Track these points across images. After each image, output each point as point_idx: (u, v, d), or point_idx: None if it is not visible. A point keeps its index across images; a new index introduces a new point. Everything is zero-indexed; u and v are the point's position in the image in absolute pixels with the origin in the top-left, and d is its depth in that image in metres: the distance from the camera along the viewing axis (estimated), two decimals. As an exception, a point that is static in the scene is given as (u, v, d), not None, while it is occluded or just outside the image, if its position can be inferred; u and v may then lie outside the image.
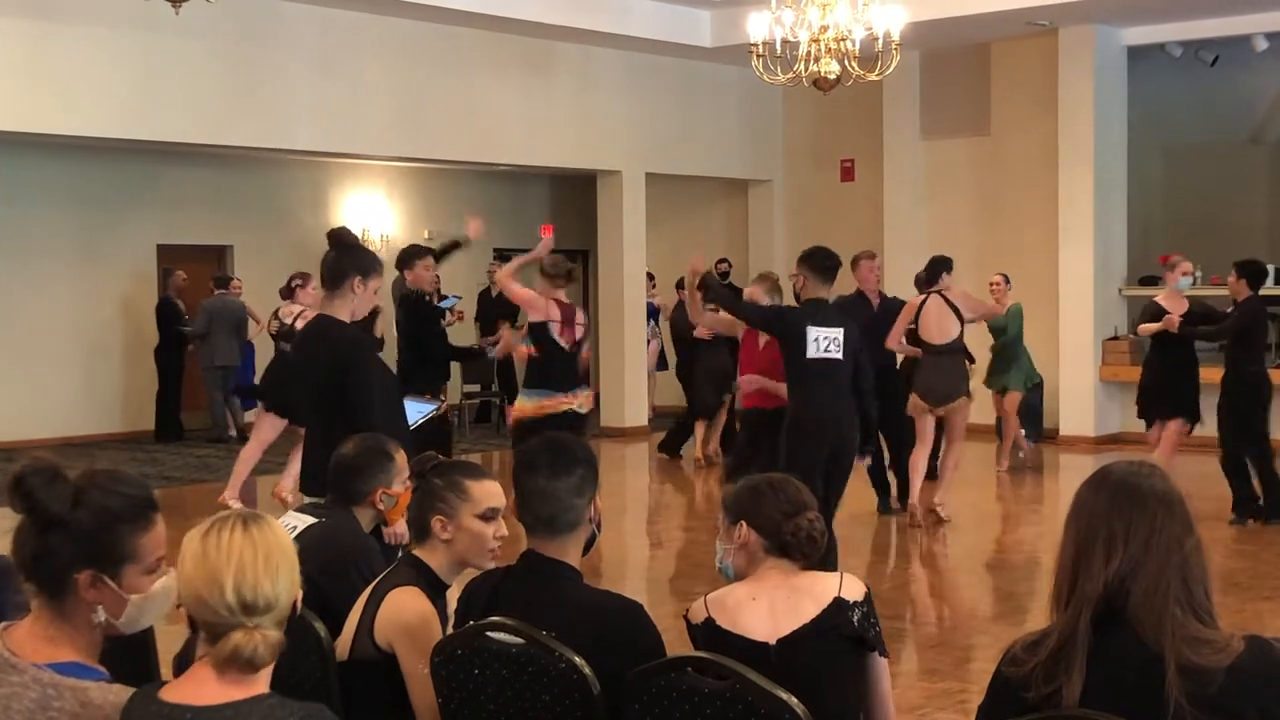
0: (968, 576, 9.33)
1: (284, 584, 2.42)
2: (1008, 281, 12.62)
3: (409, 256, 9.61)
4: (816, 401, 7.69)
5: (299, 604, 2.51)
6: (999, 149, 16.14)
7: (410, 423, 6.73)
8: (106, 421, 16.38)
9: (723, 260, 17.80)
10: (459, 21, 14.17)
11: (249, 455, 11.17)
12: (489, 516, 3.70)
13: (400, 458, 4.38)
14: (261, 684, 2.44)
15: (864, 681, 3.47)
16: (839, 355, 7.65)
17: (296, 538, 4.11)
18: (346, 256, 5.65)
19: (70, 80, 12.07)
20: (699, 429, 13.95)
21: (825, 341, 7.57)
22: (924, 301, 10.49)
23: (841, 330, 7.73)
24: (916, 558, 9.79)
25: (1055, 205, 15.26)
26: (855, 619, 3.41)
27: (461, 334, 14.47)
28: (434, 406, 8.27)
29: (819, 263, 7.75)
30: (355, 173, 18.35)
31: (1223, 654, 2.40)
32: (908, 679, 6.40)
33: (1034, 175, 15.63)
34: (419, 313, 9.66)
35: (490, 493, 3.72)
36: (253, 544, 2.42)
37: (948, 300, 10.46)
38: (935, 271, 10.67)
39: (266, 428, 11.15)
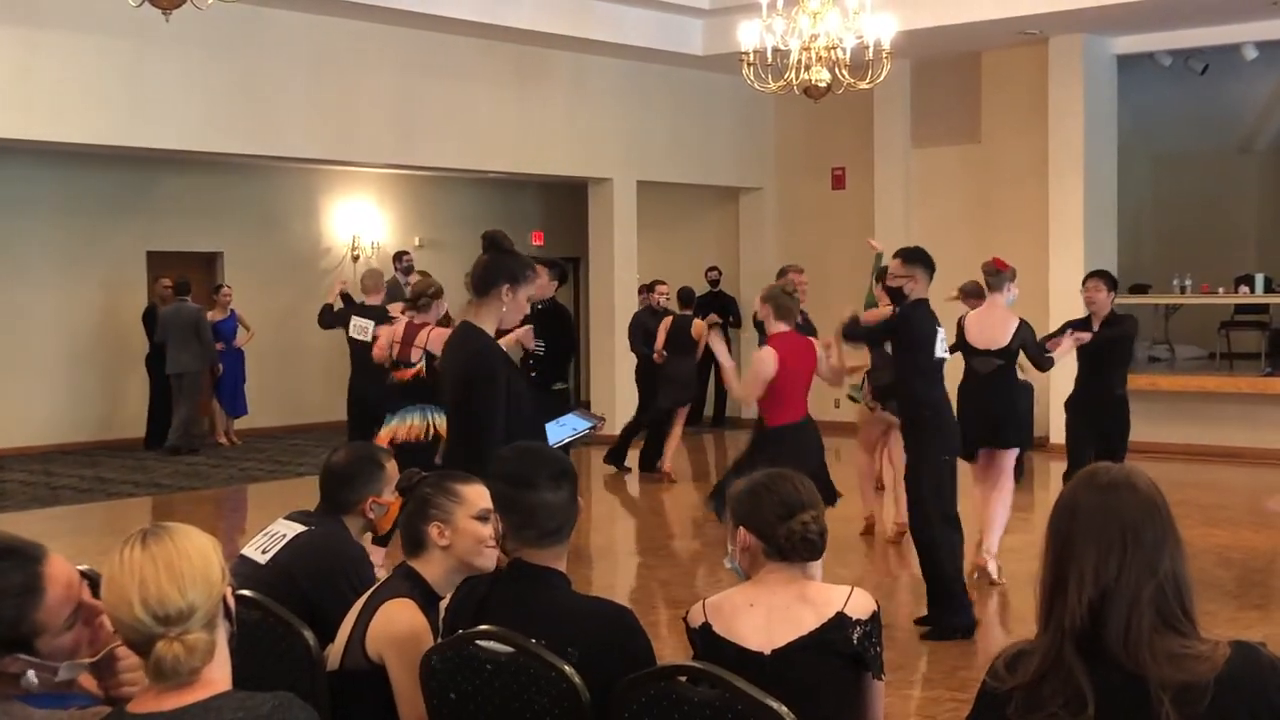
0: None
1: (195, 589, 2.43)
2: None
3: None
4: (945, 401, 7.74)
5: (229, 598, 2.51)
6: (989, 157, 16.18)
7: (553, 441, 6.32)
8: (97, 429, 16.35)
9: (713, 268, 17.85)
10: (451, 29, 14.17)
11: None
12: (484, 517, 3.73)
13: (391, 466, 4.37)
14: (220, 684, 2.46)
15: (858, 699, 3.45)
16: (948, 356, 7.81)
17: (285, 546, 4.13)
18: (497, 262, 5.34)
19: (60, 88, 12.06)
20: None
21: (943, 343, 7.71)
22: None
23: (942, 329, 7.84)
24: (905, 565, 9.78)
25: (1045, 213, 15.30)
26: (855, 637, 3.37)
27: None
28: (590, 424, 7.68)
29: (930, 262, 7.73)
30: (346, 180, 18.36)
31: (1208, 663, 2.38)
32: (898, 687, 6.40)
33: (1024, 184, 15.67)
34: None
35: (482, 493, 3.75)
36: (151, 558, 2.43)
37: None
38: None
39: None
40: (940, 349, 7.70)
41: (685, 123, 16.95)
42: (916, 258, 7.71)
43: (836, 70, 10.38)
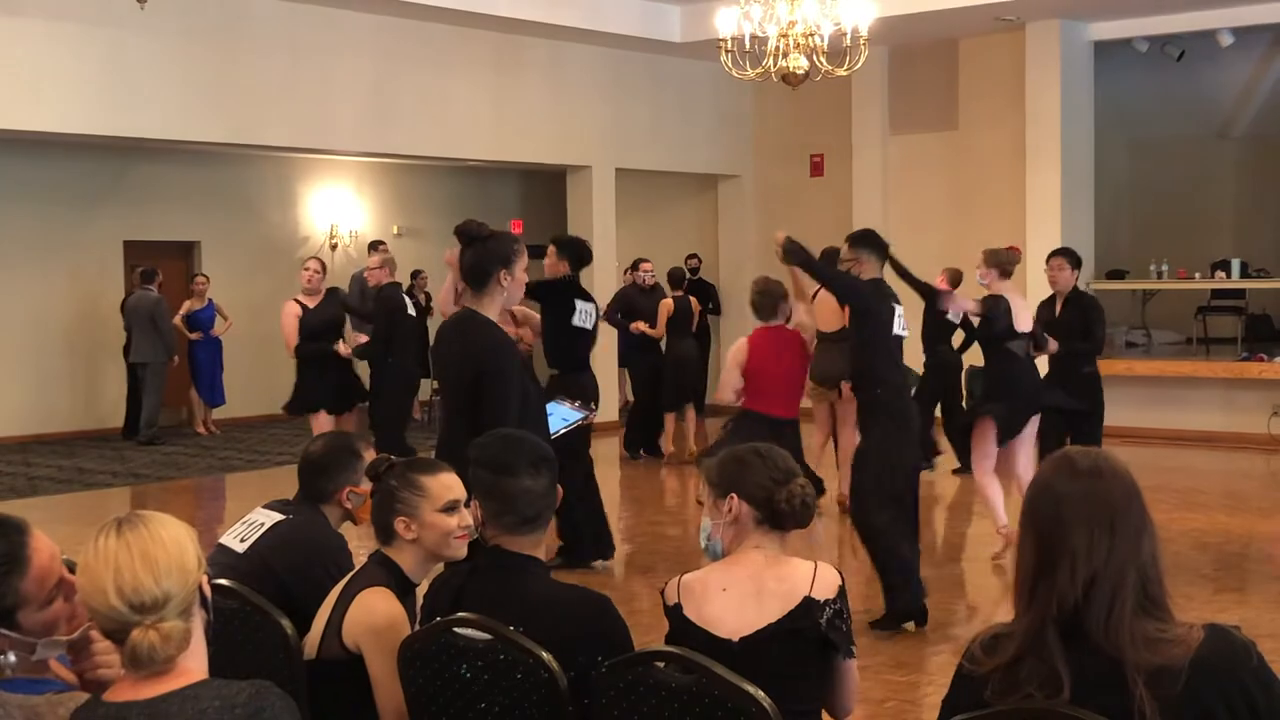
0: (935, 570, 9.35)
1: (170, 577, 2.43)
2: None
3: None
4: (902, 382, 7.67)
5: (205, 586, 2.52)
6: (967, 144, 16.21)
7: (553, 432, 6.22)
8: (75, 419, 16.29)
9: (692, 256, 17.84)
10: (429, 16, 14.14)
11: None
12: (451, 509, 3.70)
13: (368, 456, 4.25)
14: (196, 672, 2.47)
15: (829, 681, 3.46)
16: (905, 334, 7.68)
17: (263, 535, 4.12)
18: (486, 251, 5.33)
19: (37, 76, 11.99)
20: (669, 422, 14.04)
21: (901, 320, 7.57)
22: (816, 292, 10.52)
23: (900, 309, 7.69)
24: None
25: (1023, 200, 15.34)
26: (824, 619, 3.37)
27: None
28: (582, 414, 7.75)
29: (877, 242, 7.64)
30: (324, 168, 18.30)
31: (1183, 647, 2.40)
32: (874, 671, 6.42)
33: (1001, 170, 15.70)
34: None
35: (448, 485, 3.72)
36: (126, 546, 2.43)
37: None
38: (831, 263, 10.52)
39: None
40: (898, 326, 7.58)
41: (664, 110, 16.94)
42: (861, 241, 7.68)
43: (814, 57, 10.37)
